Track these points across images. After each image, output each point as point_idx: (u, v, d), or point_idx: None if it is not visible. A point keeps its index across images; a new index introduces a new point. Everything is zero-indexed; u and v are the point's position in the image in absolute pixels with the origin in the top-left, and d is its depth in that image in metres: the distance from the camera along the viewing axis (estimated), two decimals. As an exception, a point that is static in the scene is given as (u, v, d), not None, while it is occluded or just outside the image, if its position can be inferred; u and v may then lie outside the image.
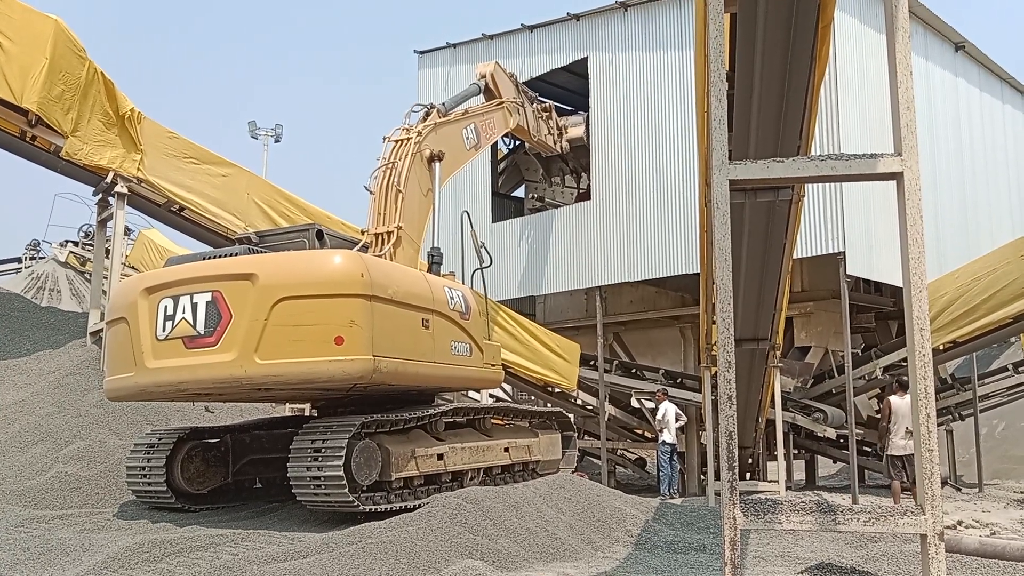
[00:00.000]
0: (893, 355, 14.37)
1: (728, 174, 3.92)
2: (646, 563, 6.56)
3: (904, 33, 3.80)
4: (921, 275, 3.75)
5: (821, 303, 16.35)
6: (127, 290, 7.66)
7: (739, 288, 8.58)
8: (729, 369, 3.77)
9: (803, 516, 3.70)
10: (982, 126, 19.75)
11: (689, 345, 18.15)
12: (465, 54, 19.65)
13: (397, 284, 7.46)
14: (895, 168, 3.80)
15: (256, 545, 6.41)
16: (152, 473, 8.00)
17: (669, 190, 15.90)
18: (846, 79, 14.09)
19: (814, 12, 4.94)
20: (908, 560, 6.24)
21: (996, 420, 20.86)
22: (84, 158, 11.02)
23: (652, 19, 16.44)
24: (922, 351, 3.70)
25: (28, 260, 32.00)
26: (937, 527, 3.59)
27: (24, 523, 7.18)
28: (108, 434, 9.49)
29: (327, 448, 6.93)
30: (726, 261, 3.87)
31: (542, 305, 20.48)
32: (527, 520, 7.07)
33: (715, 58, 4.02)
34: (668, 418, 14.87)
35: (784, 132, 6.03)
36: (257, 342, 6.80)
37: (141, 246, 22.73)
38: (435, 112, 10.67)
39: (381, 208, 9.36)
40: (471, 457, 8.51)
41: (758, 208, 6.81)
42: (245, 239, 8.31)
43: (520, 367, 14.44)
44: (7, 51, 10.27)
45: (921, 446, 3.70)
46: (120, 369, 7.55)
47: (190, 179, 12.40)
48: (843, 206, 13.60)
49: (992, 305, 11.97)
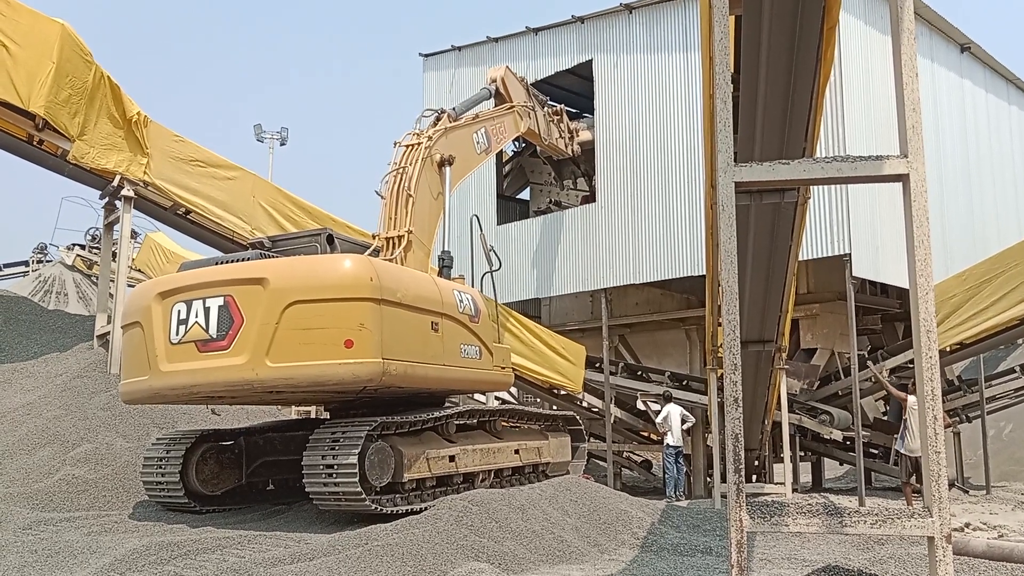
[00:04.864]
0: (900, 357, 14.34)
1: (734, 176, 3.91)
2: (652, 566, 6.55)
3: (910, 34, 3.79)
4: (928, 277, 3.74)
5: (827, 305, 16.32)
6: (141, 295, 7.73)
7: (745, 290, 8.57)
8: (735, 371, 3.76)
9: (810, 518, 3.69)
10: (988, 127, 19.69)
11: (695, 347, 18.12)
12: (470, 57, 19.69)
13: (406, 287, 7.50)
14: (901, 170, 3.79)
15: (263, 547, 6.43)
16: (167, 474, 8.05)
17: (674, 192, 15.90)
18: (851, 81, 14.08)
19: (819, 14, 4.93)
20: (915, 563, 6.22)
21: (1003, 422, 20.78)
22: (91, 162, 11.06)
23: (657, 21, 16.45)
24: (929, 353, 3.69)
25: (35, 263, 32.17)
26: (944, 529, 3.58)
27: (32, 526, 7.19)
28: (115, 437, 9.51)
29: (344, 442, 6.99)
30: (732, 263, 3.86)
31: (547, 307, 20.48)
32: (533, 522, 7.07)
33: (720, 60, 4.01)
34: (672, 420, 14.83)
35: (789, 134, 6.02)
36: (268, 345, 6.87)
37: (148, 249, 22.81)
38: (446, 117, 10.72)
39: (392, 212, 9.40)
40: (482, 459, 8.54)
41: (764, 210, 6.80)
42: (257, 244, 8.38)
43: (526, 369, 14.44)
44: (14, 55, 10.31)
45: (928, 448, 3.69)
46: (134, 373, 7.63)
47: (196, 182, 12.44)
48: (849, 208, 13.59)
49: (1000, 307, 11.92)
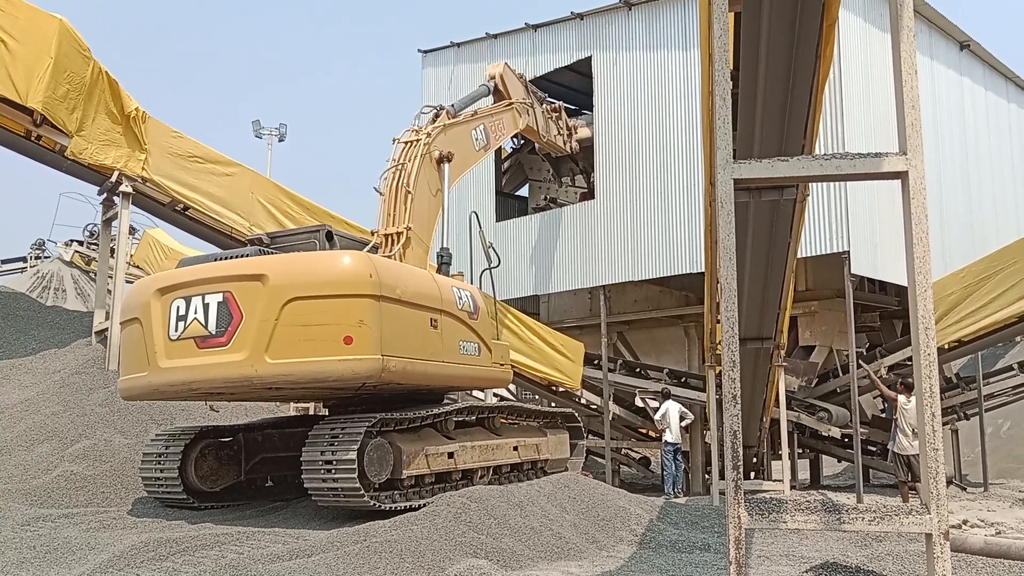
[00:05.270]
0: (898, 354, 14.34)
1: (732, 173, 3.91)
2: (651, 562, 6.56)
3: (909, 32, 3.79)
4: (926, 274, 3.74)
5: (825, 302, 16.33)
6: (140, 291, 7.72)
7: (743, 287, 8.57)
8: (733, 368, 3.76)
9: (808, 515, 3.70)
10: (987, 125, 19.69)
11: (693, 344, 18.13)
12: (469, 53, 19.66)
13: (405, 284, 7.50)
14: (900, 167, 3.79)
15: (262, 544, 6.43)
16: (166, 470, 8.05)
17: (673, 189, 15.89)
18: (851, 78, 14.07)
19: (818, 11, 4.93)
20: (913, 559, 6.22)
21: (1001, 419, 20.80)
22: (89, 157, 11.04)
23: (656, 18, 16.43)
24: (927, 350, 3.69)
25: (33, 259, 32.15)
26: (942, 526, 3.59)
27: (30, 522, 7.19)
28: (114, 433, 9.51)
29: (344, 438, 7.00)
30: (730, 260, 3.86)
31: (546, 304, 20.48)
32: (531, 519, 7.08)
33: (719, 57, 4.01)
34: (671, 417, 14.84)
35: (788, 131, 6.02)
36: (267, 342, 6.87)
37: (146, 245, 22.77)
38: (444, 113, 10.72)
39: (391, 209, 9.40)
40: (481, 456, 8.55)
41: (762, 207, 6.80)
42: (256, 240, 8.37)
43: (524, 366, 14.44)
44: (12, 51, 10.28)
45: (926, 445, 3.69)
46: (134, 369, 7.62)
47: (194, 178, 12.42)
48: (847, 205, 13.58)
49: (998, 304, 11.92)
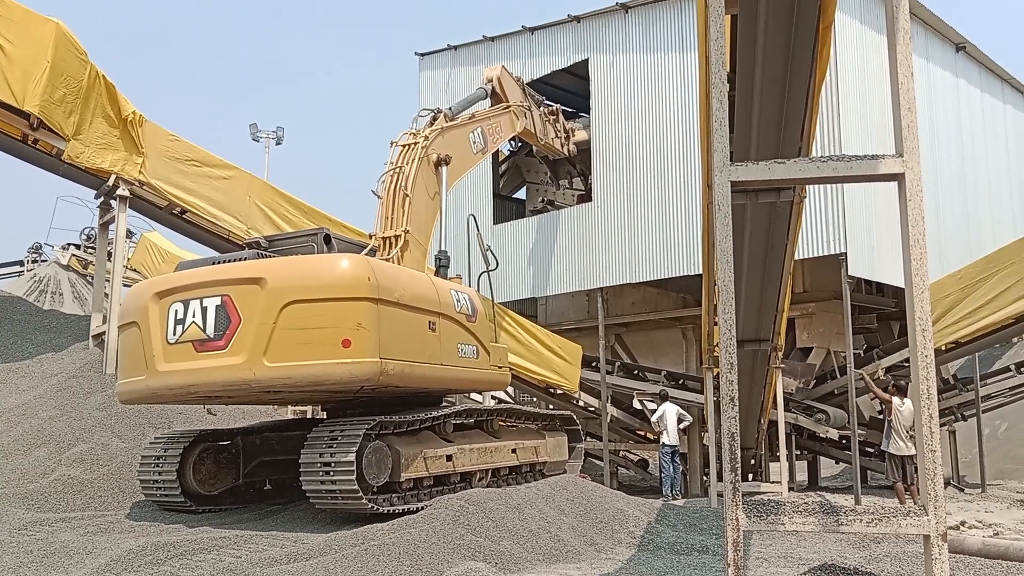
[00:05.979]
0: (895, 356, 14.35)
1: (730, 175, 3.92)
2: (649, 564, 6.56)
3: (905, 34, 3.80)
4: (923, 276, 3.75)
5: (823, 304, 16.35)
6: (138, 295, 7.72)
7: (741, 289, 8.58)
8: (731, 370, 3.77)
9: (806, 517, 3.70)
10: (983, 126, 19.74)
11: (691, 346, 18.14)
12: (466, 56, 19.68)
13: (403, 287, 7.50)
14: (896, 169, 3.80)
15: (260, 547, 6.42)
16: (164, 473, 8.04)
17: (670, 192, 15.91)
18: (847, 80, 14.10)
19: (815, 13, 4.94)
20: (911, 561, 6.23)
21: (999, 420, 20.81)
22: (86, 161, 11.04)
23: (653, 21, 16.46)
24: (924, 352, 3.70)
25: (30, 263, 32.07)
26: (940, 528, 3.59)
27: (27, 526, 7.18)
28: (111, 437, 9.49)
29: (342, 440, 7.01)
30: (728, 262, 3.87)
31: (543, 307, 20.48)
32: (529, 522, 7.07)
33: (716, 60, 4.02)
34: (668, 419, 14.84)
35: (785, 133, 6.02)
36: (266, 345, 6.88)
37: (143, 249, 22.72)
38: (442, 116, 10.73)
39: (388, 212, 9.41)
40: (479, 458, 8.55)
41: (760, 209, 6.80)
42: (254, 243, 8.35)
43: (522, 369, 14.43)
44: (8, 54, 10.28)
45: (924, 447, 3.70)
46: (132, 372, 7.62)
47: (191, 182, 12.42)
48: (844, 207, 13.60)
49: (995, 305, 11.93)
